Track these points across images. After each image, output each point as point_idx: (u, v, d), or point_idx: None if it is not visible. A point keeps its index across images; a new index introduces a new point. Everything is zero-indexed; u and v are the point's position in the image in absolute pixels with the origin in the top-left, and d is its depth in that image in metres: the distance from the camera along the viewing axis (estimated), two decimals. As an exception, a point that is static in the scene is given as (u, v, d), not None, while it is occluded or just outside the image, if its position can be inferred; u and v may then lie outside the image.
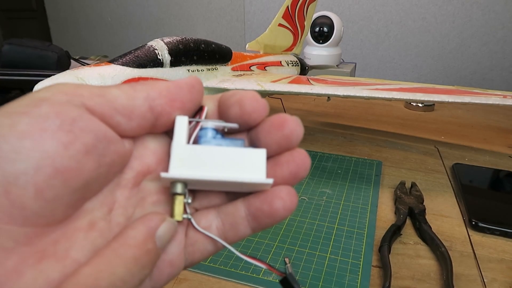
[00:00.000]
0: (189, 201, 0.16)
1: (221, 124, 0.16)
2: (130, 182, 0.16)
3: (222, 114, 0.17)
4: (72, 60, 0.89)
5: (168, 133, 0.17)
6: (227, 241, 0.17)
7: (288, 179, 0.16)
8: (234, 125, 0.16)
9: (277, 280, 0.32)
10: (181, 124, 0.16)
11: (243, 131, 0.17)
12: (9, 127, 0.12)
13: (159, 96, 0.15)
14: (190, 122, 0.16)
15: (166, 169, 0.16)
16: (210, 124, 0.17)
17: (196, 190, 0.17)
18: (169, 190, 0.16)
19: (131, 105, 0.15)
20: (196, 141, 0.16)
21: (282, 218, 0.16)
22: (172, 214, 0.15)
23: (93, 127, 0.13)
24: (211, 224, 0.16)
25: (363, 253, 0.35)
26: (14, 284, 0.11)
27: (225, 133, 0.17)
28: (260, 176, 0.15)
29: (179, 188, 0.15)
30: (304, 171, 0.16)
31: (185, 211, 0.16)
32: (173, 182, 0.15)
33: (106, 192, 0.15)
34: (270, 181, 0.15)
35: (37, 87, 0.39)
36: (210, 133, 0.16)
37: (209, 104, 0.17)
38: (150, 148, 0.16)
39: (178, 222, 0.16)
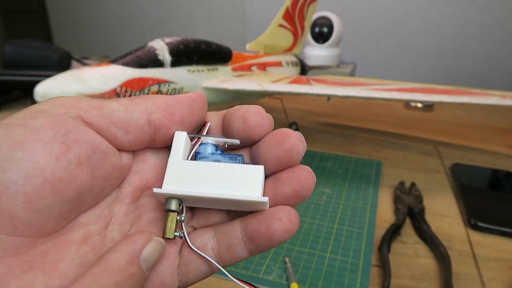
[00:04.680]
0: (183, 218, 0.15)
1: (221, 139, 0.16)
2: (128, 197, 0.16)
3: (226, 129, 0.16)
4: (73, 61, 0.89)
5: (169, 147, 0.16)
6: (222, 263, 0.16)
7: (290, 198, 0.15)
8: (235, 141, 0.16)
9: (277, 280, 0.32)
10: (179, 139, 0.15)
11: (245, 147, 0.17)
12: (4, 137, 0.12)
13: (157, 110, 0.15)
14: (191, 139, 0.16)
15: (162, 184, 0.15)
16: (210, 139, 0.16)
17: (195, 208, 0.17)
18: (163, 206, 0.15)
19: (128, 118, 0.15)
20: (194, 157, 0.16)
21: (281, 241, 0.15)
22: (163, 232, 0.15)
23: (87, 138, 0.13)
24: (206, 243, 0.16)
25: (362, 253, 0.36)
26: None
27: (226, 149, 0.17)
28: (255, 194, 0.14)
29: (172, 204, 0.15)
30: (307, 189, 0.15)
31: (178, 229, 0.15)
32: (168, 198, 0.15)
33: (104, 206, 0.15)
34: (265, 199, 0.14)
35: (38, 87, 0.40)
36: (209, 149, 0.16)
37: (214, 120, 0.17)
38: (149, 162, 0.16)
39: (170, 240, 0.15)
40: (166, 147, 0.17)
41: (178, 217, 0.15)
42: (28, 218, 0.12)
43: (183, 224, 0.15)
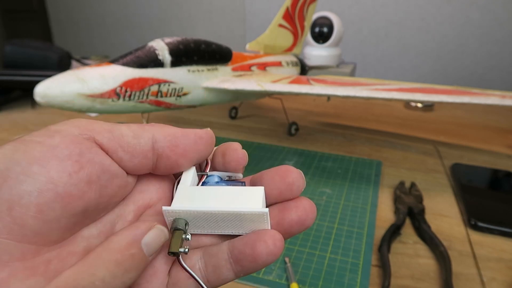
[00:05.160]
0: (189, 237, 0.16)
1: (226, 173, 0.18)
2: (130, 214, 0.17)
3: (213, 164, 0.18)
4: (73, 61, 0.89)
5: (175, 176, 0.18)
6: (209, 285, 0.16)
7: (296, 224, 0.16)
8: (238, 175, 0.18)
9: (277, 280, 0.32)
10: (189, 171, 0.17)
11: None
12: (23, 152, 0.13)
13: (163, 139, 0.16)
14: (199, 176, 0.18)
15: (167, 204, 0.17)
16: (216, 173, 0.18)
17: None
18: (170, 227, 0.16)
19: (135, 143, 0.16)
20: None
21: (265, 263, 0.16)
22: (169, 247, 0.15)
23: (99, 160, 0.15)
24: (194, 264, 0.16)
25: (362, 253, 0.36)
26: None
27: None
28: (257, 206, 0.15)
29: (179, 224, 0.16)
30: (311, 218, 0.16)
31: (181, 246, 0.16)
32: (175, 218, 0.16)
33: (106, 222, 0.16)
34: (265, 210, 0.15)
35: (38, 87, 0.40)
36: (213, 179, 0.18)
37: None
38: (154, 184, 0.17)
39: (161, 259, 0.16)
40: (169, 176, 0.18)
41: (184, 236, 0.16)
42: (37, 227, 0.13)
43: (184, 242, 0.16)
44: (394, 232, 0.38)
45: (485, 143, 0.64)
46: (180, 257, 0.16)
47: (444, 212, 0.43)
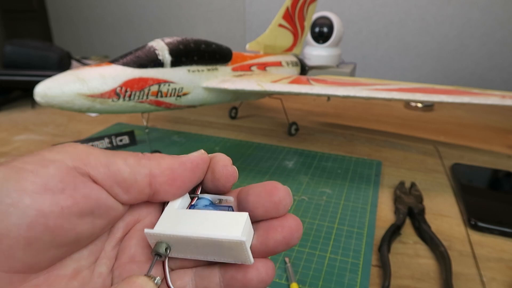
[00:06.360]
0: (158, 281, 0.15)
1: (217, 196, 0.18)
2: (119, 231, 0.17)
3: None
4: (73, 61, 0.89)
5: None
6: None
7: (281, 244, 0.16)
8: (229, 198, 0.17)
9: (277, 280, 0.32)
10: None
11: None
12: (14, 182, 0.13)
13: (161, 175, 0.16)
14: (190, 198, 0.18)
15: (154, 220, 0.17)
16: (206, 196, 0.18)
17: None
18: (151, 249, 0.16)
19: (132, 179, 0.15)
20: (189, 208, 0.17)
21: None
22: (148, 273, 0.15)
23: (95, 195, 0.14)
24: (185, 286, 0.16)
25: (362, 253, 0.36)
26: None
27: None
28: (236, 233, 0.15)
29: (161, 247, 0.15)
30: (296, 238, 0.16)
31: (164, 271, 0.16)
32: (158, 242, 0.16)
33: (97, 242, 0.16)
34: (243, 239, 0.15)
35: (38, 87, 0.40)
36: (203, 202, 0.17)
37: None
38: (143, 203, 0.17)
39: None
40: None
41: (155, 280, 0.15)
42: (25, 258, 0.13)
43: (166, 265, 0.16)
44: (394, 232, 0.38)
45: (485, 143, 0.64)
46: (170, 280, 0.16)
47: (444, 212, 0.43)
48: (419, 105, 0.81)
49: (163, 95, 0.47)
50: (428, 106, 0.81)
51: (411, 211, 0.41)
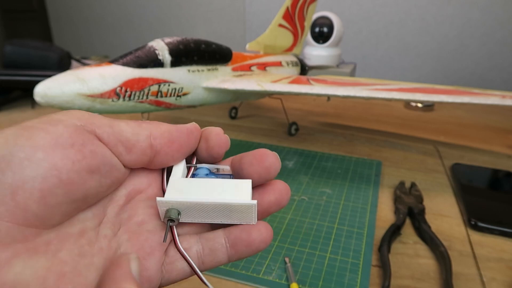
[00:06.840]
0: (174, 227, 0.17)
1: (214, 166, 0.19)
2: (121, 199, 0.17)
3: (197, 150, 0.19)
4: (73, 61, 0.89)
5: (163, 170, 0.19)
6: (204, 266, 0.18)
7: (274, 204, 0.18)
8: (226, 167, 0.19)
9: (277, 280, 0.32)
10: (179, 165, 0.18)
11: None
12: (26, 139, 0.14)
13: (160, 136, 0.17)
14: (188, 168, 0.19)
15: (158, 193, 0.18)
16: (204, 165, 0.19)
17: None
18: (163, 216, 0.17)
19: (134, 140, 0.16)
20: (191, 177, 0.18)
21: (258, 249, 0.17)
22: (164, 237, 0.17)
23: (100, 151, 0.15)
24: (191, 246, 0.18)
25: (362, 253, 0.36)
26: (4, 272, 0.13)
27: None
28: (246, 198, 0.17)
29: (173, 213, 0.17)
30: (286, 199, 0.18)
31: (172, 236, 0.17)
32: (168, 209, 0.17)
33: (100, 206, 0.17)
34: (254, 202, 0.17)
35: (38, 87, 0.40)
36: (203, 171, 0.19)
37: None
38: (143, 171, 0.18)
39: (158, 239, 0.17)
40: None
41: (171, 227, 0.17)
42: (39, 212, 0.13)
43: (174, 226, 0.17)
44: (394, 232, 0.38)
45: (485, 143, 0.64)
46: (178, 241, 0.17)
47: (444, 212, 0.43)
48: (419, 105, 0.81)
49: (163, 95, 0.47)
50: (428, 106, 0.81)
51: (411, 211, 0.41)
